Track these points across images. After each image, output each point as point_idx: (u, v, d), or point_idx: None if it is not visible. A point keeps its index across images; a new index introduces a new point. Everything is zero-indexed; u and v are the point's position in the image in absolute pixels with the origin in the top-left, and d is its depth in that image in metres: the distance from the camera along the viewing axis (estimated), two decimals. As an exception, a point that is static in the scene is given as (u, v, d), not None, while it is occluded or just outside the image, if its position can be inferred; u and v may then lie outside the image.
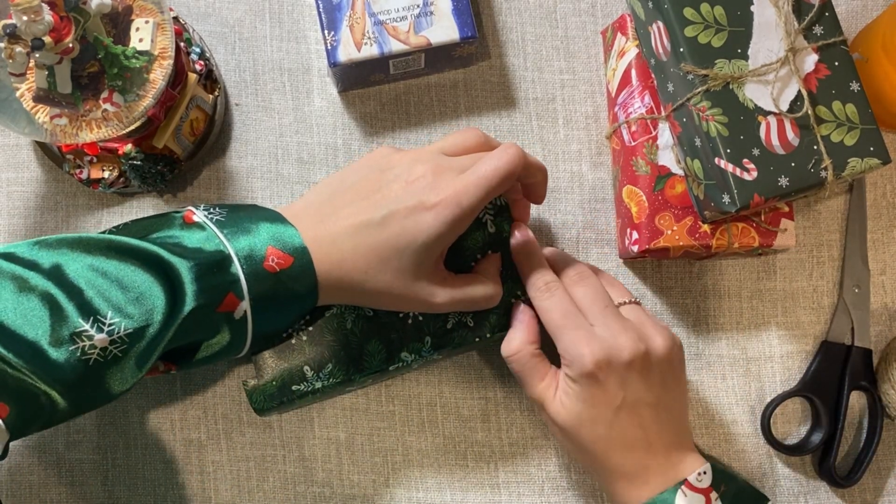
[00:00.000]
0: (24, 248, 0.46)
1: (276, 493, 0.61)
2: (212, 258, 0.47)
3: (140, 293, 0.45)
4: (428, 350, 0.56)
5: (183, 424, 0.61)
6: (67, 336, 0.44)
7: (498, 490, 0.62)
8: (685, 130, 0.56)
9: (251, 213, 0.50)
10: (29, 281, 0.44)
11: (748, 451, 0.63)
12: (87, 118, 0.53)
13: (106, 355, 0.45)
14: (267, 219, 0.50)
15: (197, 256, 0.47)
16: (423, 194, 0.49)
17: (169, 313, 0.46)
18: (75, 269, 0.45)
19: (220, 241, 0.48)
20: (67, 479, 0.61)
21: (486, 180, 0.49)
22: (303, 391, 0.55)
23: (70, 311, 0.44)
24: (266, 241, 0.48)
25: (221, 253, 0.47)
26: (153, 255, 0.46)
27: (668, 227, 0.58)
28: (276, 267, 0.48)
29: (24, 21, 0.48)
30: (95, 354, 0.44)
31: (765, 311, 0.64)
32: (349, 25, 0.59)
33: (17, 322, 0.44)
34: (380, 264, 0.50)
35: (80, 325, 0.44)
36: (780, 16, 0.55)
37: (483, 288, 0.54)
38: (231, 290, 0.47)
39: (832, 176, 0.54)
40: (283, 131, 0.64)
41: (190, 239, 0.48)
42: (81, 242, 0.46)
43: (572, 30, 0.66)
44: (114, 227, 0.51)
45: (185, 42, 0.60)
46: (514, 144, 0.51)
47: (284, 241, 0.49)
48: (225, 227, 0.49)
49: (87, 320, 0.44)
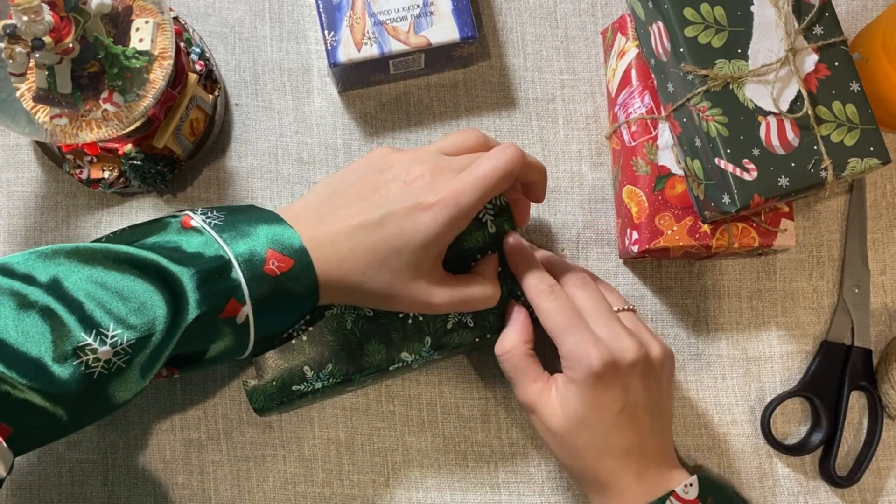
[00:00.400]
0: (20, 259, 0.46)
1: (276, 493, 0.61)
2: (212, 264, 0.47)
3: (141, 303, 0.45)
4: (428, 350, 0.56)
5: (183, 424, 0.61)
6: (70, 351, 0.43)
7: (498, 490, 0.62)
8: (685, 130, 0.56)
9: (249, 216, 0.50)
10: (28, 296, 0.44)
11: (748, 451, 0.63)
12: (87, 118, 0.53)
13: (109, 367, 0.44)
14: (265, 221, 0.50)
15: (197, 263, 0.46)
16: (420, 194, 0.49)
17: (171, 322, 0.45)
18: (74, 281, 0.45)
19: (219, 247, 0.47)
20: (67, 479, 0.61)
21: (484, 180, 0.49)
22: (303, 391, 0.55)
23: (72, 326, 0.44)
24: (266, 244, 0.48)
25: (222, 258, 0.47)
26: (153, 264, 0.46)
27: (668, 228, 0.58)
28: (276, 270, 0.48)
29: (25, 21, 0.48)
30: (99, 367, 0.44)
31: (765, 311, 0.64)
32: (349, 25, 0.59)
33: (19, 340, 0.43)
34: (378, 264, 0.49)
35: (82, 339, 0.44)
36: (780, 16, 0.55)
37: (481, 289, 0.54)
38: (233, 296, 0.47)
39: (832, 176, 0.54)
40: (283, 131, 0.64)
41: (189, 244, 0.48)
42: (79, 253, 0.46)
43: (572, 30, 0.66)
44: (111, 233, 0.50)
45: (185, 42, 0.60)
46: (513, 144, 0.51)
47: (284, 243, 0.49)
48: (224, 232, 0.48)
49: (89, 334, 0.44)
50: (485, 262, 0.56)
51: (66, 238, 0.62)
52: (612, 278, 0.64)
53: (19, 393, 0.43)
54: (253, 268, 0.47)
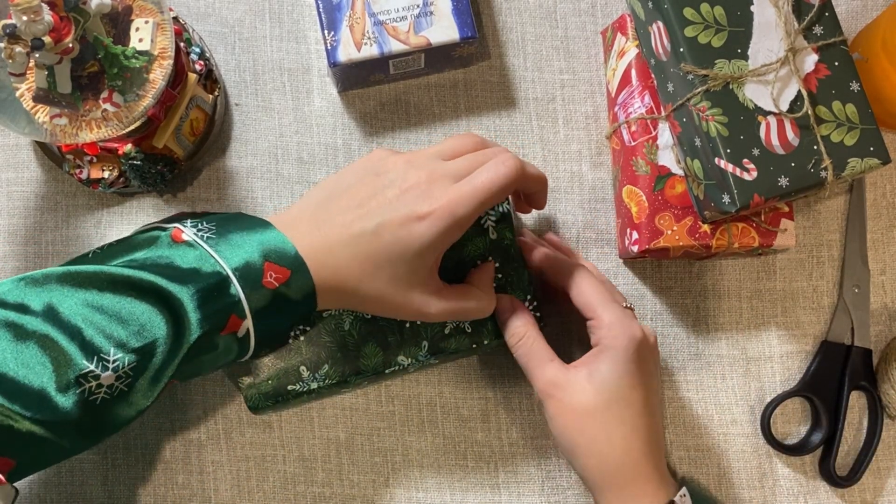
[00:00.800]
0: (10, 287, 0.44)
1: (276, 493, 0.61)
2: (211, 281, 0.45)
3: (141, 325, 0.44)
4: (425, 355, 0.56)
5: (183, 424, 0.61)
6: (73, 379, 0.43)
7: (498, 490, 0.62)
8: (685, 130, 0.56)
9: (242, 226, 0.49)
10: (25, 327, 0.43)
11: (748, 451, 0.63)
12: (87, 118, 0.53)
13: (112, 392, 0.44)
14: (259, 230, 0.48)
15: (195, 281, 0.45)
16: (416, 203, 0.48)
17: (173, 342, 0.45)
18: (70, 306, 0.44)
19: (215, 262, 0.46)
20: (67, 479, 0.61)
21: (482, 192, 0.49)
22: (298, 391, 0.55)
23: (73, 353, 0.43)
24: (262, 255, 0.47)
25: (220, 274, 0.46)
26: (150, 285, 0.44)
27: (668, 228, 0.58)
28: (274, 283, 0.47)
29: (24, 21, 0.48)
30: (102, 393, 0.43)
31: (765, 311, 0.64)
32: (349, 25, 0.59)
33: (20, 371, 0.42)
34: (374, 272, 0.49)
35: (85, 367, 0.43)
36: (780, 16, 0.55)
37: (476, 301, 0.54)
38: (233, 312, 0.46)
39: (832, 176, 0.54)
40: (283, 131, 0.64)
41: (183, 259, 0.46)
42: (70, 276, 0.44)
43: (572, 30, 0.66)
44: (97, 248, 0.49)
45: (185, 42, 0.60)
46: (513, 156, 0.50)
47: (280, 253, 0.47)
48: (218, 245, 0.47)
49: (91, 360, 0.43)
50: (481, 271, 0.56)
51: (66, 238, 0.62)
52: (612, 278, 0.64)
53: (21, 426, 0.42)
54: (251, 282, 0.46)
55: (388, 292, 0.50)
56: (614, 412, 0.51)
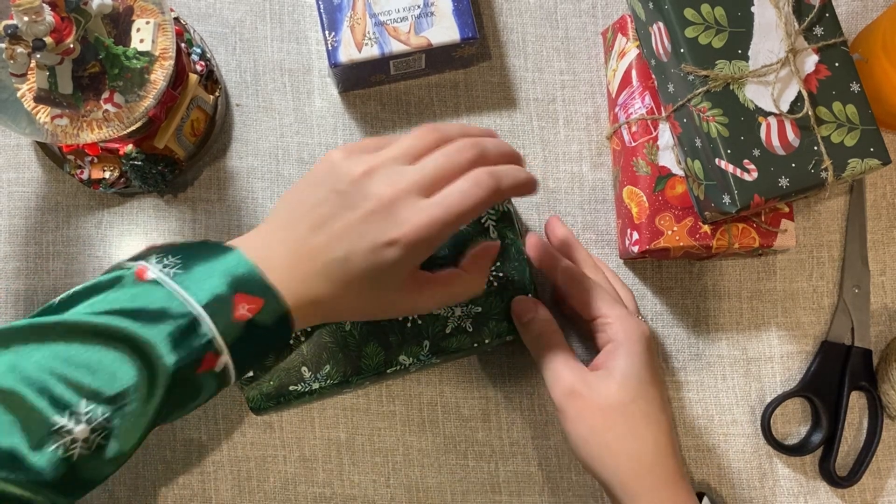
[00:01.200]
0: None
1: (277, 494, 0.61)
2: (181, 322, 0.43)
3: (111, 374, 0.41)
4: (426, 354, 0.56)
5: (183, 424, 0.61)
6: (45, 435, 0.40)
7: (498, 490, 0.62)
8: (686, 131, 0.56)
9: (208, 257, 0.46)
10: None
11: (748, 451, 0.63)
12: (88, 119, 0.53)
13: (89, 446, 0.41)
14: (226, 260, 0.45)
15: (164, 321, 0.43)
16: (382, 230, 0.46)
17: (148, 389, 0.42)
18: (35, 361, 0.41)
19: (182, 302, 0.43)
20: (68, 479, 0.61)
21: (452, 215, 0.46)
22: (300, 392, 0.55)
23: (41, 408, 0.40)
24: (232, 287, 0.44)
25: (190, 314, 0.43)
26: (117, 331, 0.42)
27: (668, 228, 0.58)
28: (247, 314, 0.44)
29: (26, 22, 0.48)
30: (78, 448, 0.41)
31: (765, 312, 0.64)
32: (350, 26, 0.59)
33: None
34: (350, 290, 0.47)
35: (55, 422, 0.40)
36: (781, 17, 0.55)
37: (463, 286, 0.52)
38: (208, 350, 0.44)
39: (832, 177, 0.54)
40: (284, 132, 0.64)
41: (149, 300, 0.43)
42: (34, 330, 0.42)
43: (573, 30, 0.66)
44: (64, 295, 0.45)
45: (186, 43, 0.60)
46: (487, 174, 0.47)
47: (251, 283, 0.45)
48: (185, 281, 0.44)
49: (62, 414, 0.40)
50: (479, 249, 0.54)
51: (66, 238, 0.62)
52: (612, 278, 0.64)
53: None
54: (223, 318, 0.44)
55: (372, 304, 0.48)
56: (640, 406, 0.51)
